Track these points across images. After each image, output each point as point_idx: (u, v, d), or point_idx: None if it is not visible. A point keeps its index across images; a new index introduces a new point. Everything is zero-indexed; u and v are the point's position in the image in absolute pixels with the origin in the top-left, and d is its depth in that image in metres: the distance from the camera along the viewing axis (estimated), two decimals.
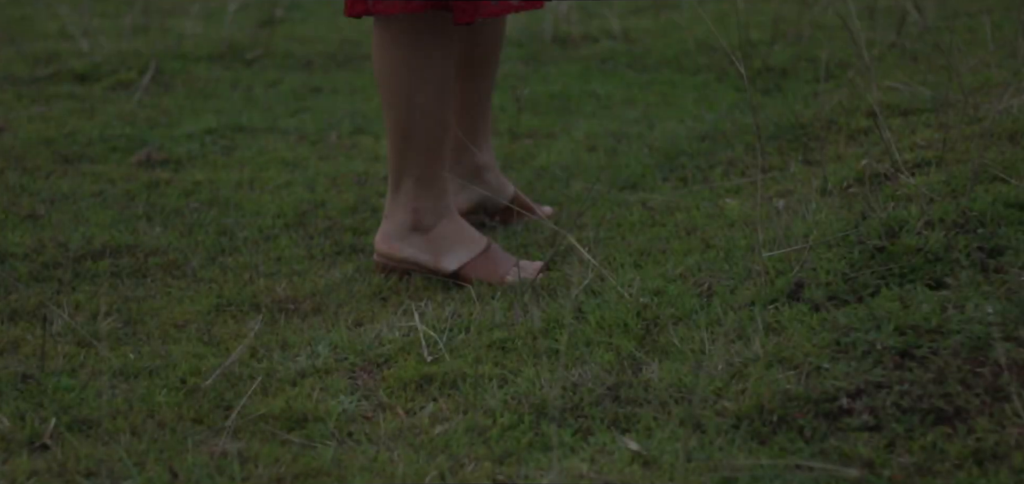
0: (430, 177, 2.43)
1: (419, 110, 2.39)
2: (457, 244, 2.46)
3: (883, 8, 3.99)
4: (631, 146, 3.25)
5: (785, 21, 4.02)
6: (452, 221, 2.47)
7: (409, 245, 2.46)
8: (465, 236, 2.47)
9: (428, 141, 2.41)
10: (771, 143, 3.10)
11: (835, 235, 2.31)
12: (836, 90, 3.36)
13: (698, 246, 2.53)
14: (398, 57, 2.37)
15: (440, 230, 2.46)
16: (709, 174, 2.99)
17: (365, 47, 4.22)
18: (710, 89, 3.67)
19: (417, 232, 2.45)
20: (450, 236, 2.46)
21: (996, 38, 3.57)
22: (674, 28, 4.18)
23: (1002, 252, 2.12)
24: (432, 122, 2.40)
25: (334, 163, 3.22)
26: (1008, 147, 2.60)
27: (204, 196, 3.00)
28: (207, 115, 3.59)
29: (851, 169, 2.72)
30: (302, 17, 4.62)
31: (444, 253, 2.46)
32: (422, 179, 2.42)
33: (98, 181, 3.09)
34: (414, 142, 2.40)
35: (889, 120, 3.01)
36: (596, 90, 3.73)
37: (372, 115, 3.59)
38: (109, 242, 2.69)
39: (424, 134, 2.40)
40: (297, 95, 3.80)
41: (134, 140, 3.36)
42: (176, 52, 4.05)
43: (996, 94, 3.01)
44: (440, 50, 2.38)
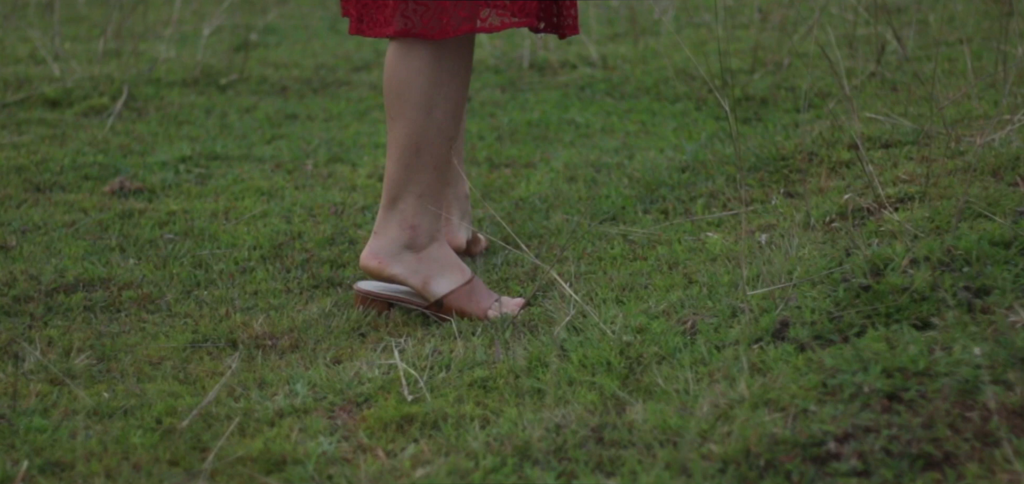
0: (432, 196, 2.40)
1: (436, 126, 2.36)
2: (446, 270, 2.43)
3: (862, 37, 3.98)
4: (611, 177, 3.23)
5: (765, 49, 4.01)
6: (442, 246, 2.44)
7: (400, 263, 2.41)
8: (453, 264, 2.44)
9: (437, 159, 2.38)
10: (752, 175, 3.08)
11: (819, 272, 2.29)
12: (817, 121, 3.35)
13: (681, 281, 2.50)
14: (421, 71, 2.33)
15: (432, 252, 2.42)
16: (690, 206, 2.97)
17: (340, 73, 4.19)
18: (689, 118, 3.65)
19: (410, 251, 2.42)
20: (440, 260, 2.43)
21: (976, 68, 3.56)
22: (652, 55, 4.17)
23: (988, 292, 2.10)
24: (444, 140, 2.37)
25: (310, 193, 3.18)
26: (991, 182, 2.58)
27: (179, 227, 2.95)
28: (181, 142, 3.54)
29: (834, 203, 2.70)
30: (277, 41, 4.58)
31: (433, 277, 2.43)
32: (425, 196, 2.40)
33: (71, 211, 3.04)
34: (424, 157, 2.37)
35: (871, 152, 3.00)
36: (575, 118, 3.71)
37: (348, 143, 3.56)
38: (82, 275, 2.65)
39: (436, 151, 2.37)
40: (272, 122, 3.76)
41: (107, 168, 3.31)
42: (149, 77, 4.00)
43: (978, 127, 3.00)
44: (464, 69, 2.36)
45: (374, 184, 3.23)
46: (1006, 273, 2.14)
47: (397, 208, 2.40)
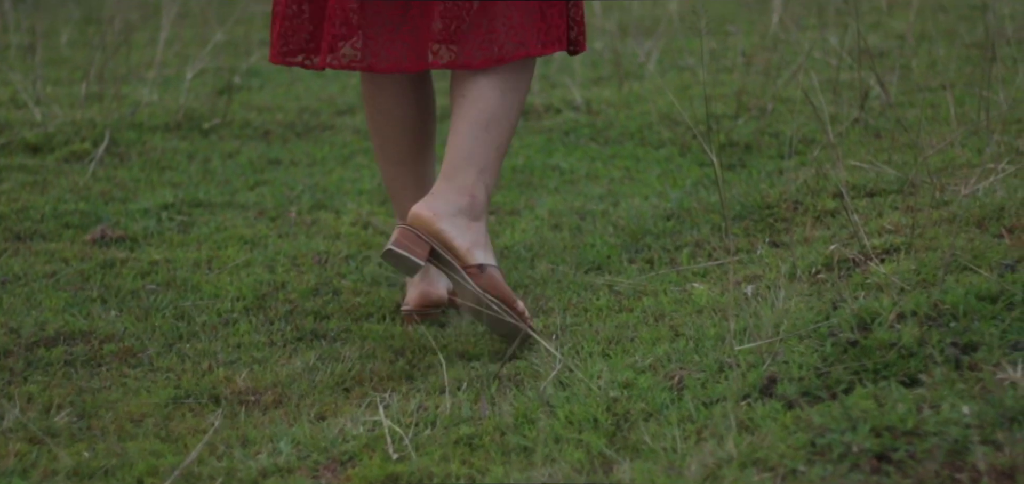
0: (491, 173, 2.52)
1: (506, 107, 2.53)
2: (487, 249, 2.50)
3: (846, 82, 3.99)
4: (596, 225, 3.22)
5: (748, 94, 4.01)
6: (485, 227, 2.53)
7: (451, 223, 2.46)
8: (490, 247, 2.52)
9: (502, 138, 2.53)
10: (737, 223, 3.08)
11: (806, 326, 2.28)
12: (801, 168, 3.35)
13: (667, 334, 2.49)
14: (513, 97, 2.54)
15: (482, 227, 2.50)
16: (676, 256, 2.96)
17: (323, 116, 4.17)
18: (674, 164, 3.65)
19: (463, 215, 2.47)
20: (484, 238, 2.50)
21: (958, 115, 3.57)
22: (636, 99, 4.16)
23: (976, 348, 2.10)
24: (510, 123, 2.55)
25: (294, 241, 3.16)
26: (977, 234, 2.58)
27: (161, 277, 2.93)
28: (163, 189, 3.52)
29: (819, 254, 2.70)
30: (260, 84, 4.57)
31: (480, 246, 2.48)
32: (485, 171, 2.50)
33: (52, 260, 3.01)
34: (492, 133, 2.50)
35: (855, 201, 2.99)
36: (559, 164, 3.70)
37: (332, 189, 3.54)
38: (63, 328, 2.62)
39: (503, 129, 2.52)
40: (255, 167, 3.74)
41: (88, 216, 3.29)
42: (131, 121, 3.98)
43: (962, 176, 3.01)
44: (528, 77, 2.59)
45: (358, 232, 3.22)
46: (993, 329, 2.13)
47: (458, 177, 2.48)
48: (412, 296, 2.71)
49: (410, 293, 2.71)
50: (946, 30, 4.54)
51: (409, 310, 2.70)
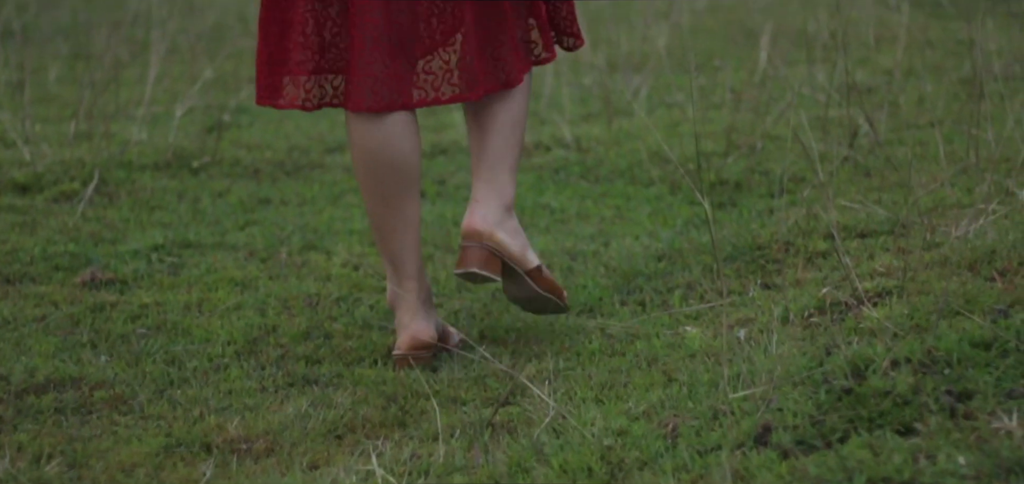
0: (516, 170, 2.74)
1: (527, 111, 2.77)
2: (528, 243, 2.73)
3: (835, 118, 4.00)
4: (587, 265, 3.21)
5: (738, 132, 4.02)
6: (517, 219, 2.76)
7: (503, 231, 2.67)
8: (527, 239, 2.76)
9: (523, 140, 2.77)
10: (729, 265, 3.08)
11: (800, 372, 2.28)
12: (792, 208, 3.35)
13: (660, 380, 2.49)
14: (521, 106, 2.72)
15: (516, 221, 2.71)
16: (668, 298, 2.96)
17: (313, 154, 4.17)
18: (664, 202, 3.65)
19: (507, 217, 2.68)
20: (523, 234, 2.72)
21: (947, 153, 3.58)
22: (626, 137, 4.17)
23: (971, 396, 2.10)
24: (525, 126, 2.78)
25: (285, 283, 3.15)
26: (969, 277, 2.58)
27: (151, 320, 2.92)
28: (153, 229, 3.51)
29: (812, 297, 2.70)
30: (249, 121, 4.56)
31: (527, 248, 2.71)
32: (514, 170, 2.72)
33: (41, 304, 3.00)
34: (518, 133, 2.71)
35: (847, 242, 3.00)
36: (550, 203, 3.70)
37: (322, 229, 3.54)
38: (53, 374, 2.61)
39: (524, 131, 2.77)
40: (245, 207, 3.73)
41: (78, 258, 3.27)
42: (120, 160, 3.97)
43: (952, 216, 3.01)
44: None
45: (349, 273, 3.21)
46: (987, 376, 2.13)
47: (496, 180, 2.67)
48: (403, 339, 2.70)
49: (401, 336, 2.70)
50: (933, 66, 4.56)
51: (401, 354, 2.69)
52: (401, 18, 2.57)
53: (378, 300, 3.03)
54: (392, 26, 2.57)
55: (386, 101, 2.57)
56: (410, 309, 2.67)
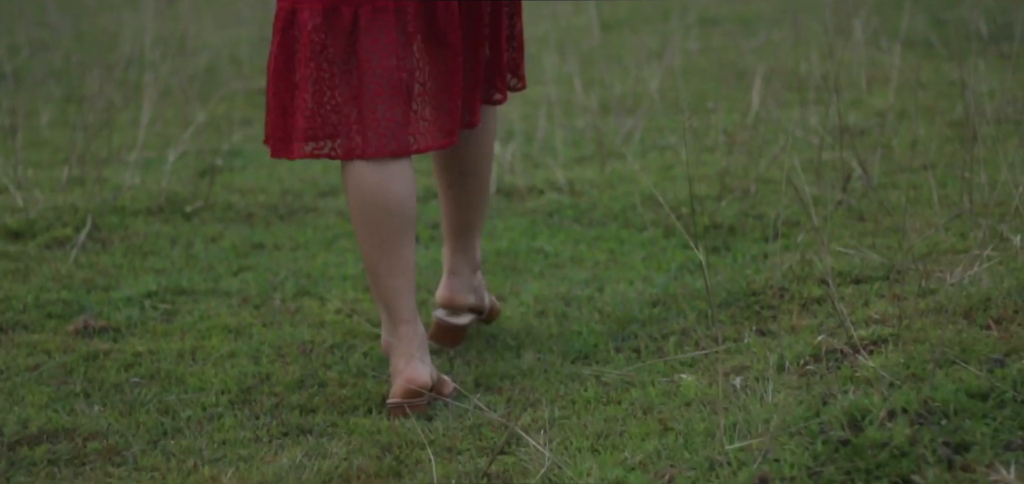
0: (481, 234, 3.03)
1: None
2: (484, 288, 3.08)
3: (828, 161, 4.01)
4: (581, 311, 3.21)
5: (731, 175, 4.02)
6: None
7: (472, 293, 2.99)
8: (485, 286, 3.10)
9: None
10: (723, 311, 3.08)
11: (796, 422, 2.27)
12: (786, 253, 3.35)
13: (656, 428, 2.48)
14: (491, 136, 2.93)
15: (480, 276, 3.05)
16: (663, 344, 2.95)
17: (306, 198, 4.16)
18: (658, 246, 3.65)
19: (475, 274, 3.01)
20: (482, 280, 3.07)
21: (941, 197, 3.59)
22: (620, 180, 4.17)
23: (968, 448, 2.09)
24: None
25: (278, 330, 3.14)
26: (965, 325, 2.58)
27: (145, 369, 2.91)
28: (146, 275, 3.50)
29: (807, 344, 2.70)
30: (242, 164, 4.55)
31: (485, 293, 3.06)
32: (481, 227, 3.01)
33: (34, 353, 2.99)
34: (487, 203, 2.99)
35: (841, 288, 3.00)
36: (544, 247, 3.70)
37: (316, 274, 3.53)
38: (46, 425, 2.59)
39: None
40: (239, 252, 3.72)
41: (71, 305, 3.26)
42: (113, 206, 3.96)
43: (947, 262, 3.01)
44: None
45: (343, 320, 3.20)
46: (985, 427, 2.13)
47: (470, 247, 2.96)
48: (398, 385, 2.69)
49: (396, 382, 2.70)
50: (926, 107, 4.58)
51: (396, 402, 2.69)
52: (406, 65, 2.63)
53: (372, 347, 3.03)
54: (399, 74, 2.62)
55: (390, 147, 2.63)
56: (405, 354, 2.67)
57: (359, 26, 2.61)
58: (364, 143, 2.62)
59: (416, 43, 2.65)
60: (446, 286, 2.98)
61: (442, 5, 2.65)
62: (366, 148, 2.62)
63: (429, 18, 2.65)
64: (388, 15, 2.62)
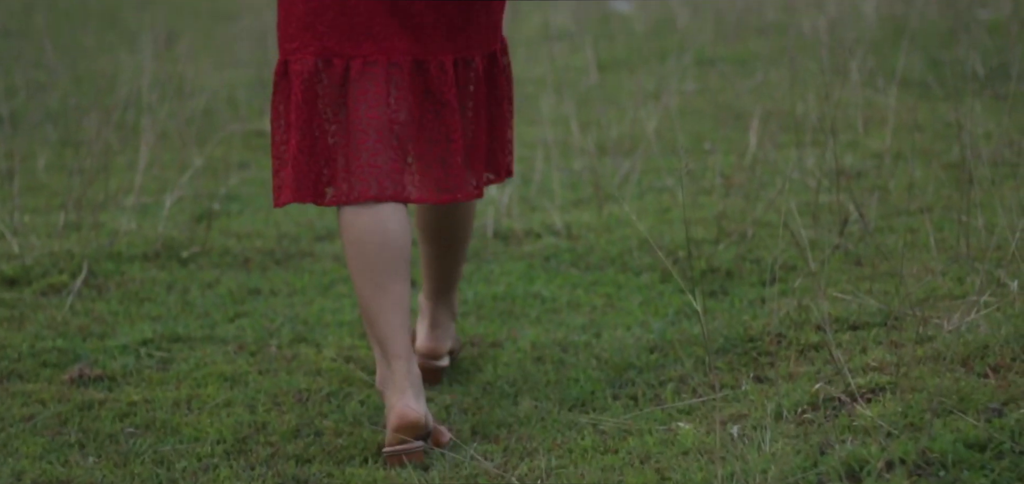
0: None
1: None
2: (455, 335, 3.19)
3: (825, 204, 4.01)
4: (579, 357, 3.20)
5: (728, 218, 4.02)
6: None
7: (450, 339, 3.12)
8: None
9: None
10: (721, 357, 3.07)
11: (794, 473, 2.26)
12: (783, 298, 3.35)
13: (654, 479, 2.47)
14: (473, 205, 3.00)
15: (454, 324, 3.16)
16: (660, 391, 2.94)
17: (303, 243, 4.16)
18: (655, 291, 3.64)
19: (454, 323, 3.12)
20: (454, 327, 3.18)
21: (938, 241, 3.58)
22: (617, 223, 4.17)
23: None
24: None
25: (274, 378, 3.13)
26: (962, 373, 2.58)
27: (140, 419, 2.89)
28: (142, 323, 3.49)
29: (805, 392, 2.69)
30: (239, 208, 4.55)
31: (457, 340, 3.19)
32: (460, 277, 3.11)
33: (28, 403, 2.98)
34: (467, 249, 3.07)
35: (838, 335, 2.99)
36: (541, 291, 3.69)
37: (313, 321, 3.52)
38: (40, 477, 2.58)
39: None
40: (235, 298, 3.71)
41: (66, 353, 3.25)
42: (109, 252, 3.96)
43: (944, 308, 3.01)
44: None
45: (339, 367, 3.19)
46: (983, 479, 2.12)
47: (452, 298, 3.07)
48: (391, 421, 2.67)
49: (389, 419, 2.68)
50: (922, 149, 4.58)
51: (392, 451, 2.68)
52: (397, 117, 2.69)
53: (369, 395, 3.02)
54: (389, 124, 2.68)
55: (372, 191, 2.68)
56: (399, 389, 2.68)
57: (350, 77, 2.68)
58: (349, 189, 2.69)
59: (409, 98, 2.70)
60: (429, 337, 3.07)
61: (435, 64, 2.71)
62: (351, 194, 2.69)
63: (423, 76, 2.71)
64: (379, 69, 2.69)
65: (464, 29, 2.74)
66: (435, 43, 2.71)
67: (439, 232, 2.98)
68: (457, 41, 2.73)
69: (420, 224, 3.01)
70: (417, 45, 2.70)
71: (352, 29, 2.67)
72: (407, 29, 2.69)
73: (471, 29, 2.75)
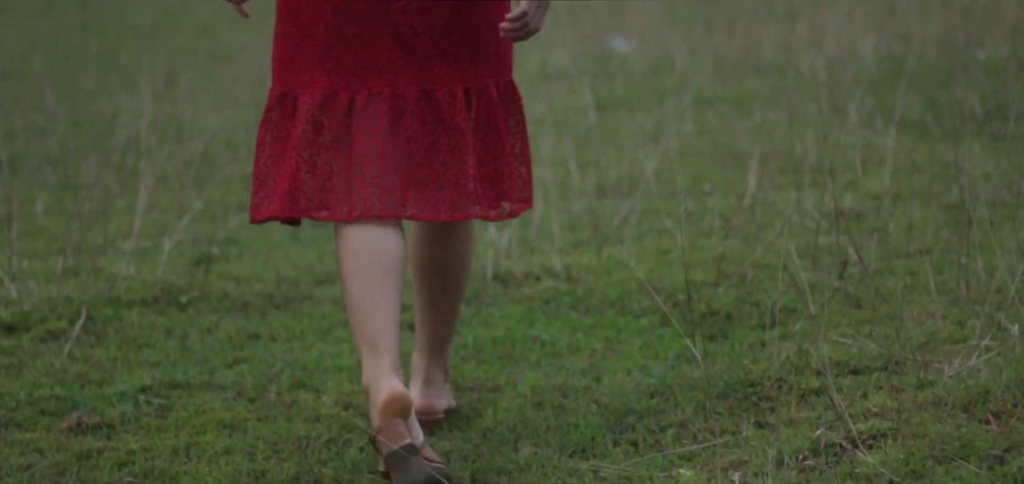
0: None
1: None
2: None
3: (824, 246, 4.00)
4: (579, 402, 3.19)
5: (728, 260, 4.02)
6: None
7: (445, 397, 3.10)
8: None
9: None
10: (721, 402, 3.06)
11: None
12: (784, 342, 3.34)
13: None
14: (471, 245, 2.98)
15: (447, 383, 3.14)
16: (660, 437, 2.93)
17: (302, 287, 4.15)
18: (655, 334, 3.63)
19: (448, 383, 3.12)
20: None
21: (938, 283, 3.58)
22: (616, 265, 4.16)
23: None
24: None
25: (273, 425, 3.12)
26: (964, 420, 2.57)
27: (138, 468, 2.88)
28: (141, 369, 3.48)
29: (806, 438, 2.68)
30: (238, 252, 4.54)
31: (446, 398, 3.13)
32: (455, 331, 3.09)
33: (26, 452, 2.96)
34: (459, 310, 3.04)
35: (839, 380, 2.98)
36: (540, 335, 3.68)
37: (312, 366, 3.51)
38: None
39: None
40: (234, 343, 3.70)
41: (65, 401, 3.24)
42: (108, 297, 3.95)
43: (945, 353, 3.00)
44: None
45: (338, 414, 3.18)
46: None
47: (444, 353, 3.06)
48: (381, 400, 2.67)
49: (378, 401, 2.69)
50: (921, 191, 4.58)
51: (383, 428, 2.68)
52: (401, 145, 2.77)
53: (367, 442, 3.00)
54: (393, 151, 2.76)
55: (391, 211, 2.76)
56: (386, 377, 2.68)
57: (355, 108, 2.76)
58: (350, 209, 2.75)
59: (415, 125, 2.77)
60: (423, 395, 3.06)
61: (444, 92, 2.78)
62: (351, 213, 2.75)
63: (431, 103, 2.79)
64: (383, 102, 2.76)
65: (474, 59, 2.80)
66: (443, 73, 2.78)
67: (437, 270, 2.97)
68: (466, 71, 2.80)
69: (417, 266, 3.00)
70: (423, 75, 2.77)
71: (357, 65, 2.75)
72: (413, 62, 2.76)
73: (480, 58, 2.82)
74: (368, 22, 2.74)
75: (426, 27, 2.76)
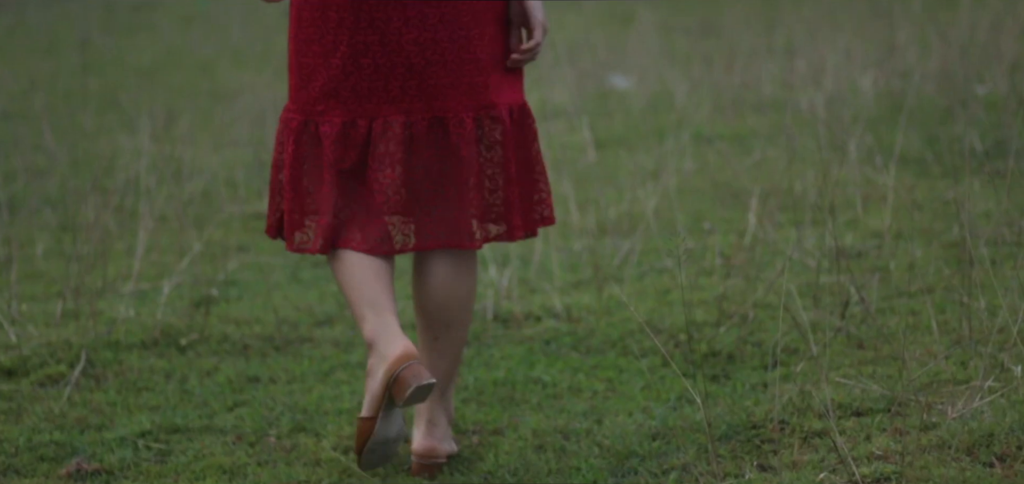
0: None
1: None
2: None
3: (826, 285, 3.99)
4: (580, 445, 3.18)
5: (729, 300, 4.01)
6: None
7: (448, 441, 3.09)
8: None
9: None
10: (724, 445, 3.04)
11: None
12: (786, 383, 3.33)
13: None
14: (474, 281, 3.00)
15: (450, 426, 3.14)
16: (663, 481, 2.92)
17: (302, 328, 4.14)
18: (657, 375, 3.62)
19: (451, 426, 3.13)
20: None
21: (940, 323, 3.57)
22: (617, 305, 4.15)
23: None
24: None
25: (273, 470, 3.10)
26: (968, 463, 2.55)
27: None
28: (140, 413, 3.47)
29: (809, 481, 2.67)
30: (238, 294, 4.53)
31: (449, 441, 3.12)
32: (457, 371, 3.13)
33: None
34: (461, 349, 3.05)
35: (842, 422, 2.97)
36: (541, 376, 3.67)
37: (312, 409, 3.49)
38: None
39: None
40: (234, 386, 3.69)
41: (64, 447, 3.22)
42: (107, 340, 3.94)
43: (948, 394, 2.99)
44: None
45: (338, 458, 3.17)
46: None
47: (447, 396, 3.07)
48: (394, 350, 2.85)
49: (389, 357, 2.80)
50: (922, 228, 4.57)
51: (402, 373, 2.80)
52: (411, 175, 2.88)
53: None
54: (403, 184, 2.87)
55: (397, 247, 2.90)
56: (394, 335, 2.82)
57: (371, 138, 2.87)
58: (363, 238, 2.90)
59: (425, 154, 2.87)
60: (426, 436, 3.07)
61: (454, 120, 2.87)
62: (363, 244, 2.90)
63: (442, 130, 2.88)
64: (397, 128, 2.87)
65: (486, 87, 2.89)
66: (454, 102, 2.87)
67: (441, 305, 3.00)
68: (478, 98, 2.88)
69: (420, 302, 3.00)
70: (435, 104, 2.87)
71: (372, 93, 2.85)
72: (425, 91, 2.86)
73: (493, 87, 2.90)
74: (381, 54, 2.84)
75: (438, 58, 2.86)
